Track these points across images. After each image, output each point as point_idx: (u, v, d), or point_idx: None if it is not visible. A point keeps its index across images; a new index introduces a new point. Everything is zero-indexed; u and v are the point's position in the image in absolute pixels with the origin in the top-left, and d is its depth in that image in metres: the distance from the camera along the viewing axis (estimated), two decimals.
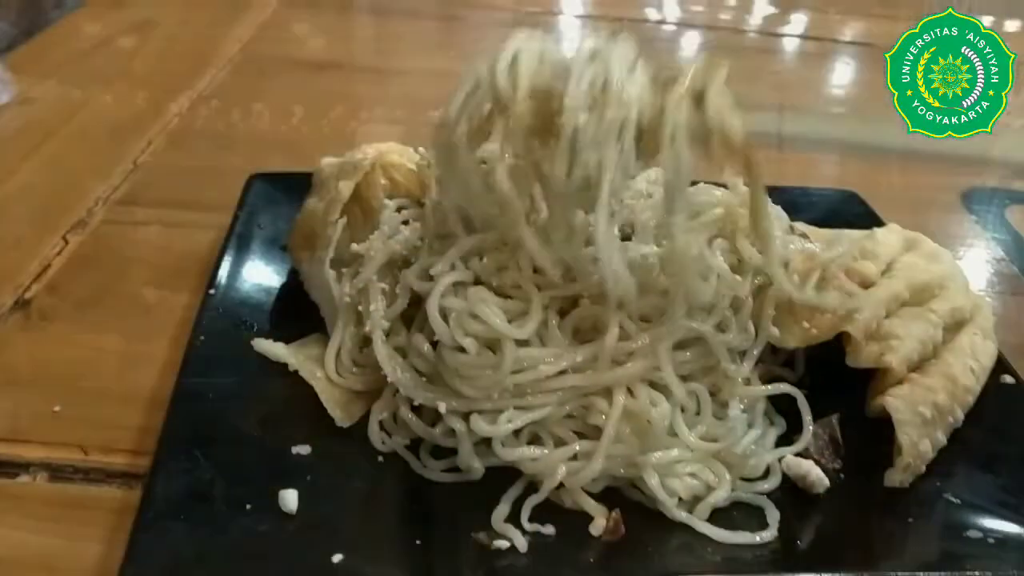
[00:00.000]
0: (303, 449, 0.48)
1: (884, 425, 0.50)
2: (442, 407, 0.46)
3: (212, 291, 0.57)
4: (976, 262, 0.78)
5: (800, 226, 0.58)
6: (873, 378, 0.52)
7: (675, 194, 0.44)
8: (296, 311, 0.58)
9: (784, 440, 0.51)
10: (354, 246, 0.53)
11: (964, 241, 0.81)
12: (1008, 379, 0.55)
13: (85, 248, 0.69)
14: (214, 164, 0.83)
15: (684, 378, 0.48)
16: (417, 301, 0.50)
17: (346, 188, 0.53)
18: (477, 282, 0.48)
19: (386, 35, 1.23)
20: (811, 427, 0.51)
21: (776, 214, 0.55)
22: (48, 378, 0.57)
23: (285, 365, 0.52)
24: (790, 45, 1.29)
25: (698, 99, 0.44)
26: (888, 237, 0.57)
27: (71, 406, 0.55)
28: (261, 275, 0.61)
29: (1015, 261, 0.78)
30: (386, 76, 1.07)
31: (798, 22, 1.38)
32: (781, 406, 0.53)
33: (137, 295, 0.65)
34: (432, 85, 1.01)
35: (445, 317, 0.47)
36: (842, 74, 1.25)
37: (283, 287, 0.60)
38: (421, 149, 0.59)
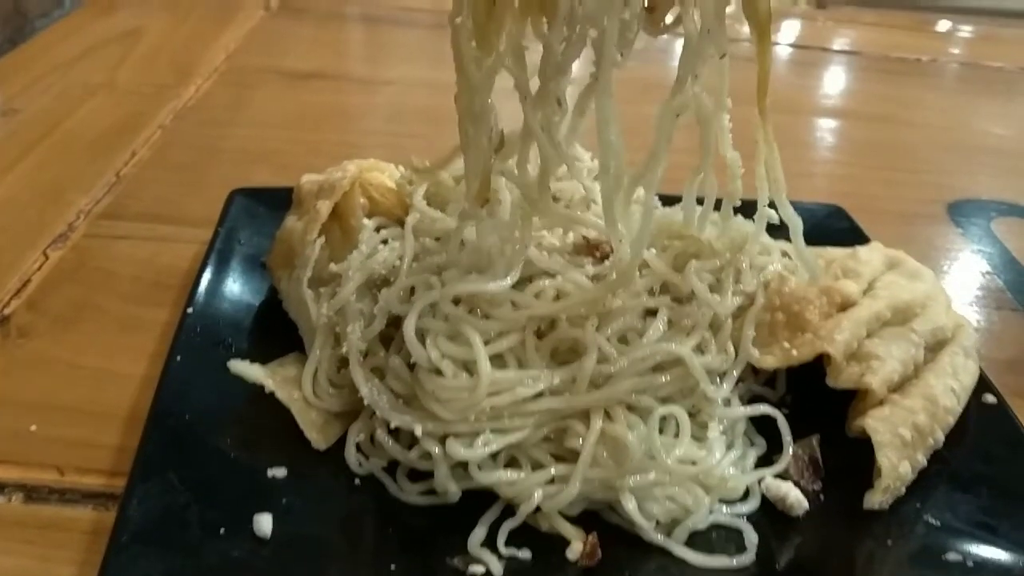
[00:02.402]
0: (279, 471, 0.48)
1: (865, 445, 0.50)
2: (418, 430, 0.46)
3: (190, 309, 0.57)
4: (961, 276, 0.77)
5: (783, 244, 0.57)
6: (854, 398, 0.52)
7: (693, 57, 0.44)
8: (275, 329, 0.57)
9: (764, 460, 0.51)
10: (332, 266, 0.52)
11: (949, 254, 0.81)
12: (990, 399, 0.55)
13: (65, 263, 0.69)
14: (198, 176, 0.82)
15: (663, 400, 0.48)
16: (395, 322, 0.50)
17: (325, 208, 0.53)
18: (455, 302, 0.48)
19: (375, 44, 1.23)
20: (791, 448, 0.50)
21: (755, 234, 0.55)
22: (25, 397, 0.56)
23: (263, 384, 0.52)
24: (782, 53, 1.28)
25: None
26: (870, 256, 0.57)
27: (48, 425, 0.54)
28: (240, 292, 0.60)
29: (1001, 275, 0.78)
30: (373, 86, 1.06)
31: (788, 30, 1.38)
32: (762, 425, 0.52)
33: (116, 311, 0.64)
34: (421, 96, 1.01)
35: (422, 339, 0.46)
36: (833, 82, 1.26)
37: (262, 304, 0.60)
38: (401, 167, 0.59)
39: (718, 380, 0.50)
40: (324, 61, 1.11)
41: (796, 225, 0.51)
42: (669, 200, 0.57)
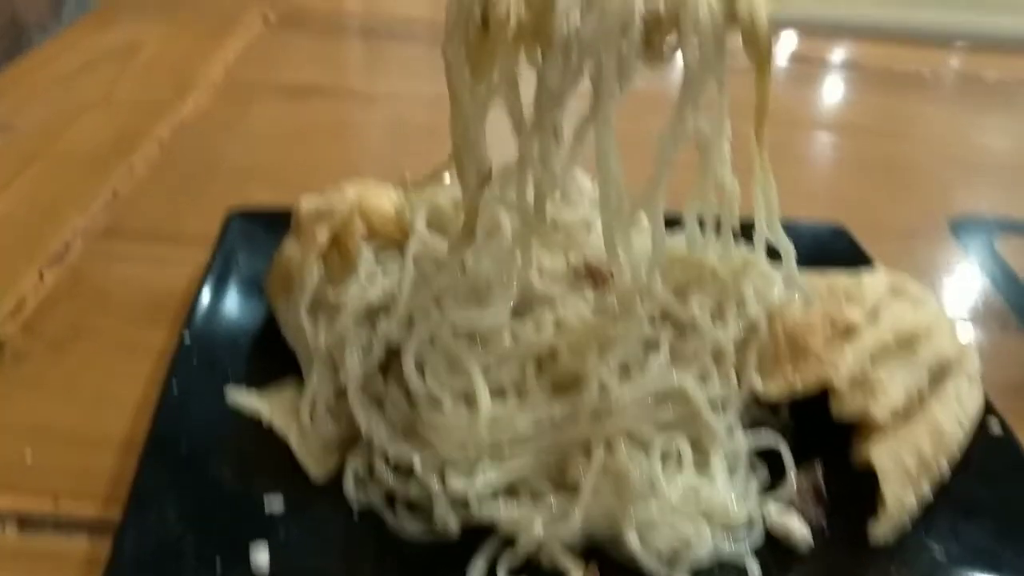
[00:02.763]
0: (276, 502, 0.48)
1: (868, 470, 0.50)
2: (417, 463, 0.45)
3: (187, 334, 0.56)
4: (964, 295, 0.77)
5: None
6: (858, 426, 0.52)
7: (695, 87, 0.44)
8: (272, 353, 0.57)
9: (767, 487, 0.51)
10: (331, 293, 0.52)
11: (952, 272, 0.80)
12: (995, 426, 0.55)
13: (62, 283, 0.68)
14: (195, 194, 0.82)
15: (665, 429, 0.48)
16: (394, 350, 0.49)
17: (323, 235, 0.52)
18: (454, 333, 0.47)
19: (373, 57, 1.22)
20: (794, 476, 0.50)
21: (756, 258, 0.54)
22: (20, 422, 0.56)
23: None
24: (780, 66, 1.28)
25: None
26: (874, 281, 0.56)
27: (43, 451, 0.54)
28: (238, 316, 0.60)
29: (1003, 294, 0.77)
30: (372, 101, 1.06)
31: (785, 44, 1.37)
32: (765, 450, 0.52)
33: (113, 333, 0.63)
34: (420, 110, 1.00)
35: (421, 370, 0.46)
36: (833, 95, 1.25)
37: (260, 329, 0.60)
38: (400, 191, 0.59)
39: (720, 408, 0.50)
40: (323, 75, 1.10)
41: (787, 251, 0.51)
42: (668, 221, 0.57)
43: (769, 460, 0.52)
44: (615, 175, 0.45)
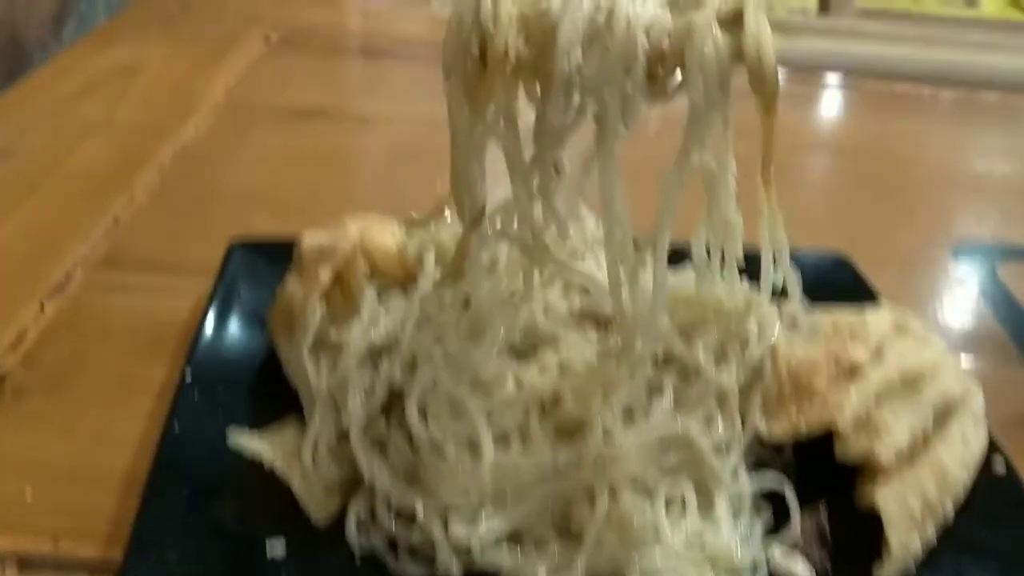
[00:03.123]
0: (278, 546, 0.47)
1: (873, 513, 0.49)
2: (419, 510, 0.45)
3: (188, 371, 0.56)
4: (965, 326, 0.77)
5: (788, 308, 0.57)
6: (862, 467, 0.51)
7: (701, 125, 0.43)
8: (274, 390, 0.57)
9: (771, 530, 0.51)
10: (333, 333, 0.52)
11: (953, 302, 0.80)
12: (999, 464, 0.54)
13: (62, 315, 0.68)
14: (196, 221, 0.81)
15: (669, 473, 0.47)
16: (397, 391, 0.49)
17: (326, 274, 0.52)
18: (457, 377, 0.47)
19: (375, 79, 1.22)
20: (798, 518, 0.50)
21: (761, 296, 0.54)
22: (20, 460, 0.56)
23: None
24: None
25: (732, 20, 0.42)
26: (878, 319, 0.56)
27: (42, 490, 0.53)
28: (239, 352, 0.60)
29: (1005, 324, 0.77)
30: (373, 124, 1.06)
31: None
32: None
33: (114, 367, 0.63)
34: (421, 134, 1.00)
35: (424, 415, 0.46)
36: (832, 115, 1.25)
37: (262, 364, 0.59)
38: (403, 227, 0.59)
39: (724, 451, 0.50)
40: (324, 97, 1.10)
41: (794, 288, 0.50)
42: (671, 254, 0.57)
43: (773, 501, 0.52)
44: (620, 214, 0.45)
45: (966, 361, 0.71)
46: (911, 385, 0.53)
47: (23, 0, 1.12)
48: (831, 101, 1.28)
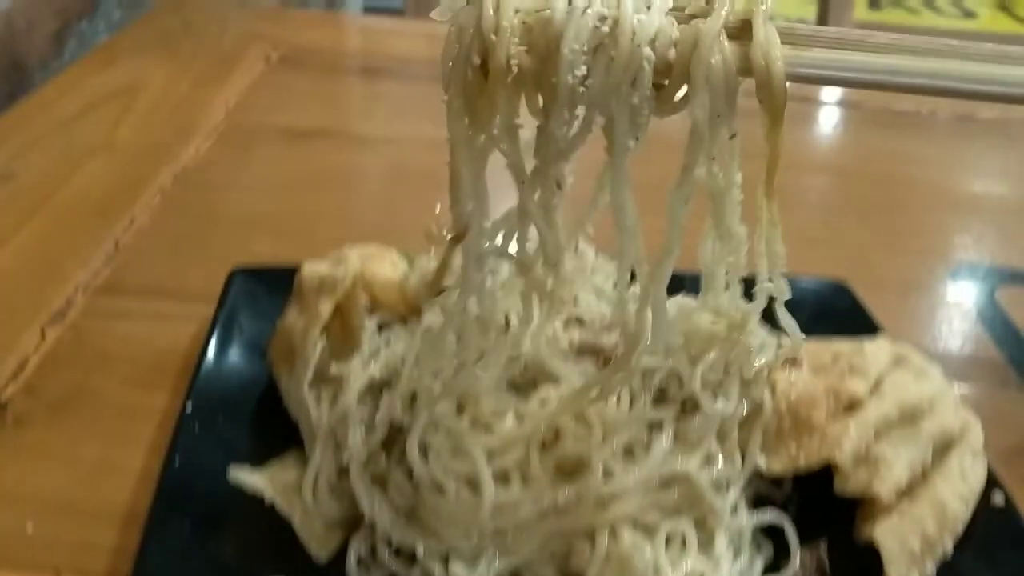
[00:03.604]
0: None
1: (873, 547, 0.50)
2: (420, 549, 0.45)
3: (189, 404, 0.56)
4: (964, 352, 0.77)
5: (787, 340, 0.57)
6: (862, 501, 0.52)
7: (703, 142, 0.42)
8: (275, 423, 0.57)
9: (771, 566, 0.51)
10: (334, 367, 0.52)
11: (952, 327, 0.80)
12: (997, 497, 0.54)
13: (63, 343, 0.68)
14: (198, 245, 0.82)
15: (669, 512, 0.48)
16: (398, 426, 0.49)
17: (326, 308, 0.52)
18: (459, 410, 0.47)
19: (374, 98, 1.22)
20: (798, 556, 0.50)
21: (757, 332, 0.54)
22: (22, 491, 0.56)
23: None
24: None
25: (740, 29, 0.41)
26: (877, 352, 0.56)
27: (44, 523, 0.54)
28: (240, 384, 0.60)
29: (1005, 350, 0.77)
30: (373, 144, 1.06)
31: None
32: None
33: (115, 396, 0.63)
34: (421, 154, 1.00)
35: (425, 453, 0.46)
36: (833, 137, 1.26)
37: (262, 395, 0.59)
38: (404, 257, 0.59)
39: (724, 487, 0.50)
40: (324, 117, 1.10)
41: (782, 294, 0.49)
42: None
43: (773, 535, 0.52)
44: (632, 230, 0.43)
45: (965, 386, 0.71)
46: (910, 419, 0.53)
47: (23, 19, 1.12)
48: (827, 120, 1.28)
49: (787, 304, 0.71)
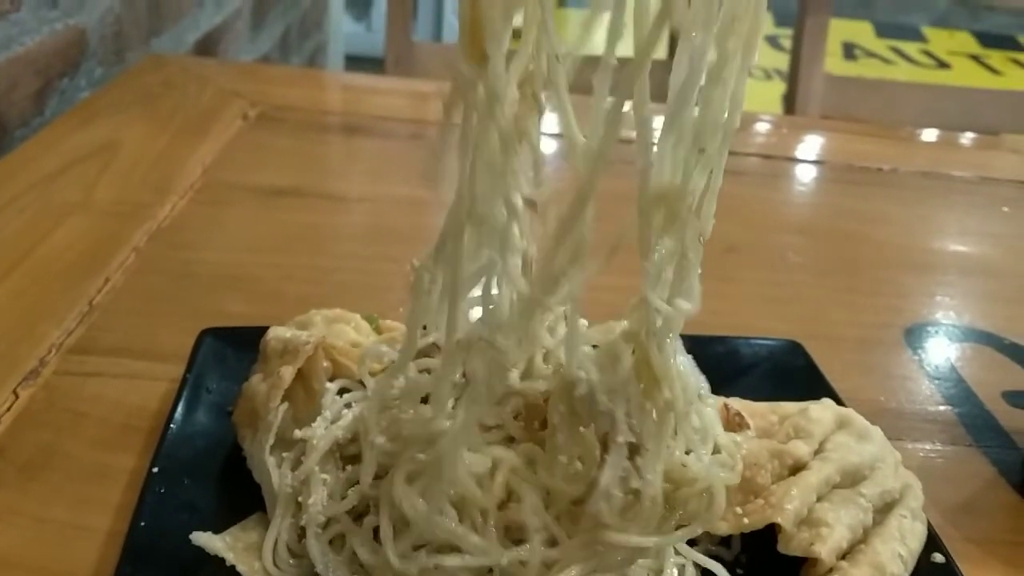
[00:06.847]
0: None
1: None
2: None
3: (155, 469, 0.57)
4: (916, 409, 0.79)
5: (734, 402, 0.59)
6: (805, 561, 0.53)
7: None
8: (240, 485, 0.58)
9: None
10: (296, 432, 0.54)
11: (905, 385, 0.82)
12: (938, 558, 0.56)
13: (35, 403, 0.70)
14: (171, 305, 0.83)
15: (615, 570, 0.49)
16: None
17: (288, 374, 0.54)
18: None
19: (351, 157, 1.25)
20: None
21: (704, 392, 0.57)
22: None
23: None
24: (747, 164, 1.31)
25: None
26: (822, 414, 0.59)
27: None
28: (206, 446, 0.61)
29: (956, 407, 0.80)
30: (348, 203, 1.08)
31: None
32: None
33: (84, 458, 0.65)
34: (397, 213, 1.03)
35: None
36: (798, 195, 1.29)
37: (228, 458, 0.61)
38: (368, 320, 0.61)
39: (672, 549, 0.51)
40: (300, 176, 1.12)
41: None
42: None
43: None
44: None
45: (915, 444, 0.74)
46: (851, 482, 0.55)
47: (5, 78, 1.14)
48: (800, 178, 1.32)
49: (741, 360, 0.75)
